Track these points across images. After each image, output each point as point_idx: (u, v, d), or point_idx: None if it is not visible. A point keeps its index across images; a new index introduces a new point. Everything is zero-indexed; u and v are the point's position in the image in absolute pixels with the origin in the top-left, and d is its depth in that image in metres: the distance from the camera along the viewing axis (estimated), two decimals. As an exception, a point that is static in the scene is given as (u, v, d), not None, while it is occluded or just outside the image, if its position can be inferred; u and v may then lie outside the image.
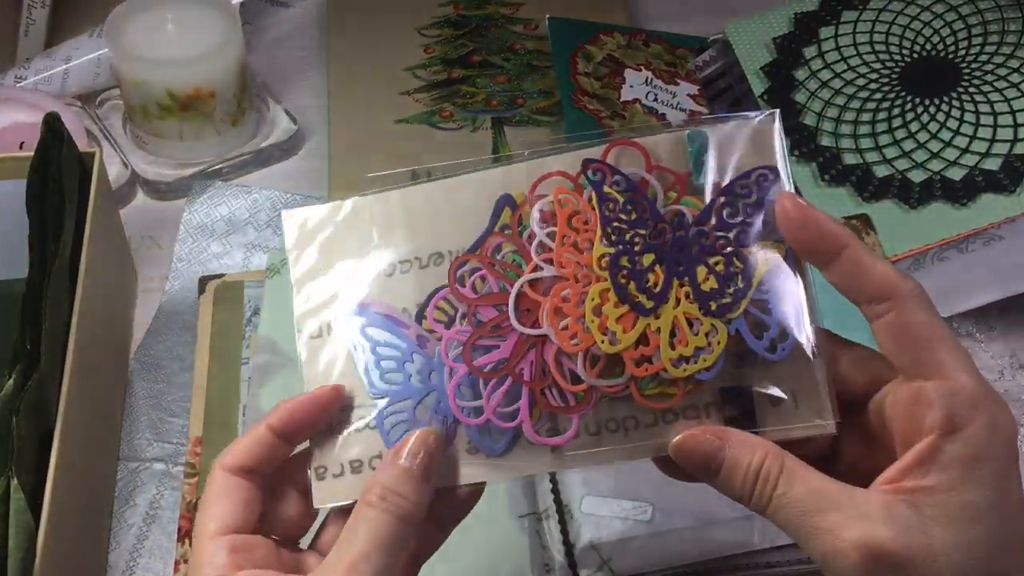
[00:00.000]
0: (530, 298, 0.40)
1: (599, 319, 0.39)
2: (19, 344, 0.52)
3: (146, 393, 0.64)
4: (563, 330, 0.39)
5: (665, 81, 0.83)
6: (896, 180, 0.72)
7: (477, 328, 0.40)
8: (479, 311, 0.40)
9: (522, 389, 0.39)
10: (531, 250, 0.40)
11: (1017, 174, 0.70)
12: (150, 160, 0.78)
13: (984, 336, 0.68)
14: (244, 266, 0.71)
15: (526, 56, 0.87)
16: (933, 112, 0.74)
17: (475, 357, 0.40)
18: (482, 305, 0.40)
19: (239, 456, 0.40)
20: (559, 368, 0.39)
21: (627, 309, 0.39)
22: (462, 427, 0.40)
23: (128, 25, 0.74)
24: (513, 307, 0.39)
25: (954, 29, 0.77)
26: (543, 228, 0.40)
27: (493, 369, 0.40)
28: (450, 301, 0.41)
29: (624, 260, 0.39)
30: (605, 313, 0.39)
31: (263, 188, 0.74)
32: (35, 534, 0.47)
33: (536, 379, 0.39)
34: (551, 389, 0.39)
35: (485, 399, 0.39)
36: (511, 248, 0.40)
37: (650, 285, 0.39)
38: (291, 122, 0.81)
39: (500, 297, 0.40)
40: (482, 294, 0.40)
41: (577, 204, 0.40)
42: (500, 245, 0.40)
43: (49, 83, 0.81)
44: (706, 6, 0.94)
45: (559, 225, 0.40)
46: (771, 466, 0.36)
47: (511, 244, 0.40)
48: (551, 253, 0.40)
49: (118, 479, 0.61)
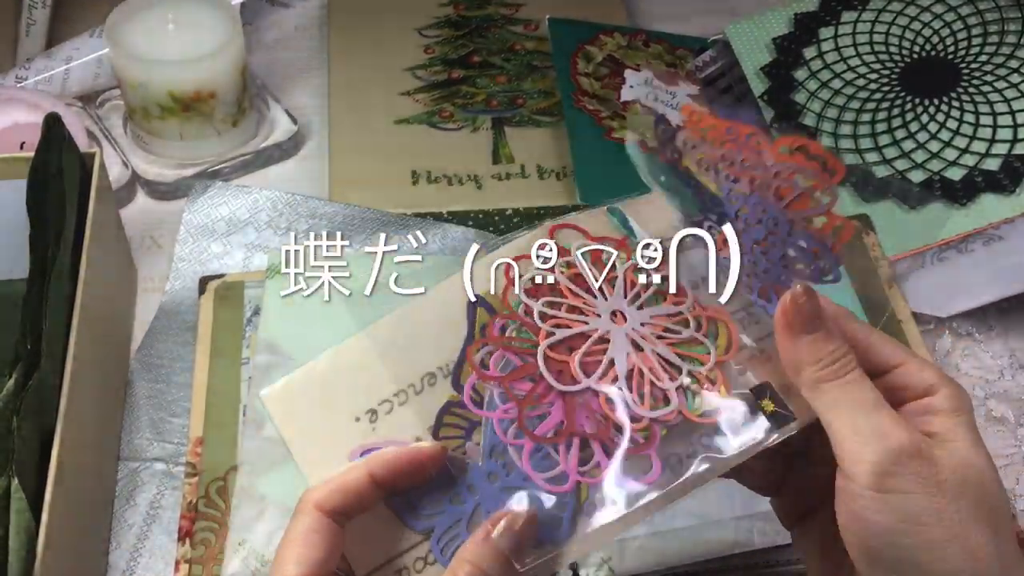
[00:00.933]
0: (556, 360, 0.40)
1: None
2: (19, 344, 0.52)
3: (146, 393, 0.64)
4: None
5: (665, 81, 0.83)
6: (896, 180, 0.72)
7: (523, 400, 0.39)
8: (514, 386, 0.40)
9: (592, 444, 0.39)
10: (535, 321, 0.40)
11: (1017, 174, 0.70)
12: (150, 160, 0.78)
13: (984, 336, 0.69)
14: (244, 266, 0.71)
15: (526, 56, 0.87)
16: (933, 112, 0.74)
17: (532, 428, 0.39)
18: (515, 380, 0.40)
19: (335, 500, 0.39)
20: (616, 413, 0.39)
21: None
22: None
23: (129, 25, 0.74)
24: (547, 371, 0.39)
25: (954, 29, 0.78)
26: (535, 300, 0.40)
27: (556, 434, 0.39)
28: (459, 414, 0.41)
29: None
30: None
31: (263, 188, 0.74)
32: (35, 534, 0.47)
33: (601, 430, 0.39)
34: (615, 438, 0.39)
35: (563, 463, 0.38)
36: (515, 325, 0.40)
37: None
38: (291, 122, 0.81)
39: (529, 368, 0.40)
40: (510, 371, 0.40)
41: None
42: (504, 325, 0.40)
43: (50, 83, 0.81)
44: (706, 6, 0.94)
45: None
46: (850, 362, 0.38)
47: (513, 321, 0.40)
48: (555, 319, 0.40)
49: (118, 479, 0.61)
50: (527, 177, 0.78)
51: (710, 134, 0.42)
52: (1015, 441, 0.64)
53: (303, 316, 0.63)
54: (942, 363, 0.67)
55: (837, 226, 0.40)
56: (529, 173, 0.78)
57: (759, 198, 0.41)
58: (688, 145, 0.42)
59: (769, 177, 0.40)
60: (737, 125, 0.41)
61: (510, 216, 0.75)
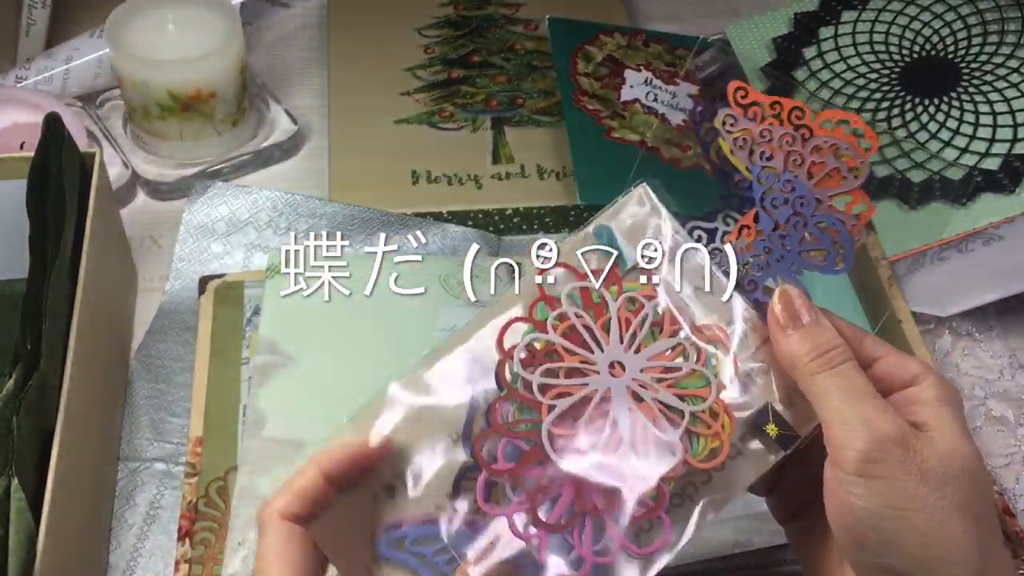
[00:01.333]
0: (561, 435, 0.39)
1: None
2: (19, 344, 0.52)
3: (146, 393, 0.64)
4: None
5: (665, 81, 0.83)
6: (896, 180, 0.72)
7: (535, 492, 0.39)
8: (524, 477, 0.39)
9: (604, 519, 0.39)
10: (535, 395, 0.39)
11: (1016, 174, 0.70)
12: (150, 160, 0.78)
13: (983, 336, 0.69)
14: (244, 266, 0.71)
15: (526, 56, 0.87)
16: (933, 112, 0.74)
17: (547, 516, 0.39)
18: (525, 470, 0.39)
19: (296, 506, 0.39)
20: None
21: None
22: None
23: (129, 25, 0.74)
24: (553, 451, 0.39)
25: (954, 29, 0.78)
26: (531, 371, 0.40)
27: (570, 517, 0.39)
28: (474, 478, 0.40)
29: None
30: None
31: (263, 188, 0.74)
32: (35, 534, 0.47)
33: (610, 502, 0.39)
34: (625, 506, 0.39)
35: (578, 547, 0.38)
36: (515, 406, 0.40)
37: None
38: (291, 122, 0.81)
39: (535, 453, 0.39)
40: (517, 461, 0.39)
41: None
42: (505, 409, 0.40)
43: (50, 83, 0.81)
44: (706, 6, 0.94)
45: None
46: (841, 353, 0.39)
47: (512, 401, 0.40)
48: (555, 389, 0.39)
49: (118, 479, 0.61)
50: (527, 177, 0.78)
51: (752, 110, 0.41)
52: (1015, 441, 0.64)
53: (303, 316, 0.63)
54: (942, 363, 0.67)
55: (859, 207, 0.41)
56: (529, 173, 0.78)
57: (790, 175, 0.41)
58: (727, 123, 0.42)
59: (806, 153, 0.41)
60: (783, 100, 0.41)
61: (510, 216, 0.75)
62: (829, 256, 0.42)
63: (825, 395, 0.39)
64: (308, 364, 0.61)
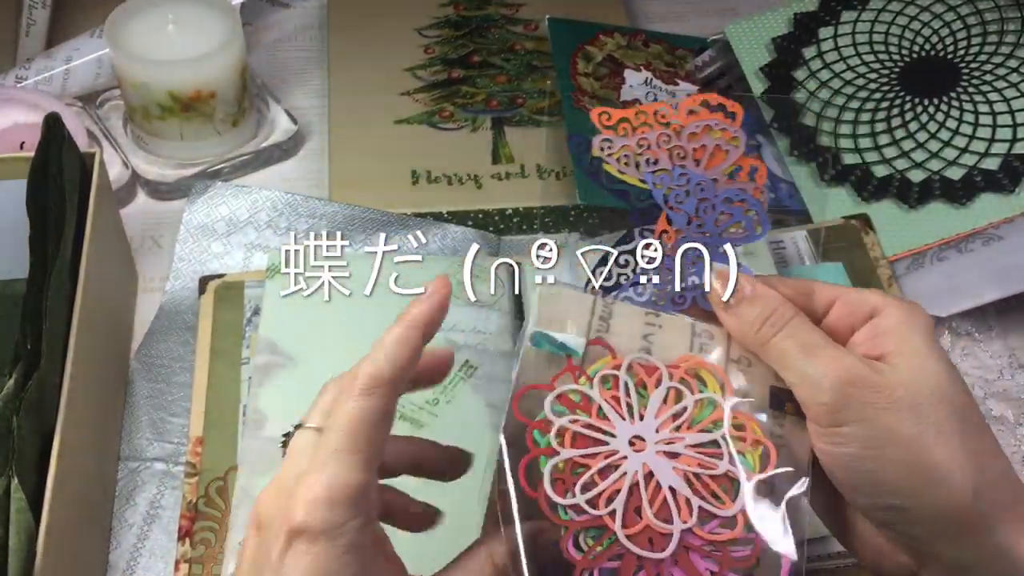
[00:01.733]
0: (635, 533, 0.38)
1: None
2: (19, 344, 0.52)
3: (146, 393, 0.64)
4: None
5: (665, 81, 0.83)
6: (895, 180, 0.72)
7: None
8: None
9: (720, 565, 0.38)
10: (595, 512, 0.38)
11: (1016, 174, 0.70)
12: (151, 160, 0.78)
13: (983, 336, 0.69)
14: (245, 266, 0.71)
15: (526, 56, 0.87)
16: (932, 112, 0.74)
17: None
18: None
19: (389, 368, 0.38)
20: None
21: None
22: None
23: (129, 26, 0.74)
24: (643, 552, 0.38)
25: (953, 29, 0.78)
26: (569, 496, 0.38)
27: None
28: None
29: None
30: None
31: (263, 188, 0.74)
32: (35, 534, 0.47)
33: (724, 556, 0.38)
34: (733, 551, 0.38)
35: None
36: (585, 533, 0.38)
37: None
38: (291, 122, 0.81)
39: (629, 563, 0.38)
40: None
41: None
42: (572, 544, 0.38)
43: (50, 83, 0.81)
44: (706, 6, 0.94)
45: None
46: (784, 312, 0.40)
47: (574, 532, 0.38)
48: (603, 493, 0.38)
49: (118, 479, 0.61)
50: (527, 177, 0.78)
51: (621, 127, 0.43)
52: (1015, 440, 0.64)
53: (303, 316, 0.63)
54: (942, 363, 0.67)
55: (752, 168, 0.43)
56: (529, 173, 0.78)
57: (680, 169, 0.43)
58: (605, 148, 0.43)
59: (685, 144, 0.43)
60: (643, 107, 0.42)
61: (510, 216, 0.75)
62: (747, 226, 0.43)
63: (782, 357, 0.40)
64: (308, 364, 0.61)
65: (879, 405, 0.38)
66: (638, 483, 0.38)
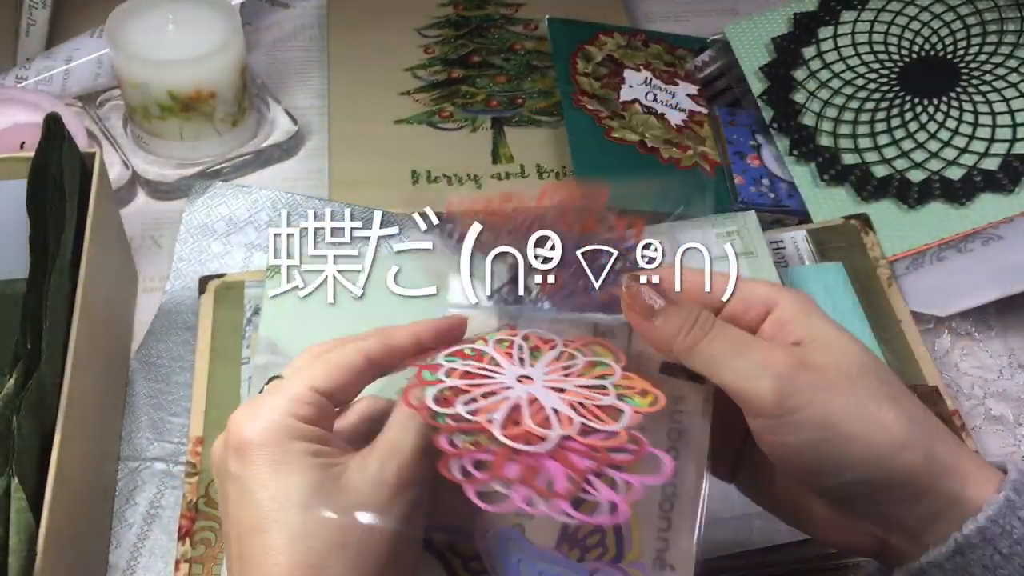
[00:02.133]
0: (515, 435, 0.37)
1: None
2: (19, 344, 0.52)
3: (146, 393, 0.64)
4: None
5: (665, 81, 0.83)
6: (895, 180, 0.72)
7: (525, 476, 0.37)
8: (507, 473, 0.37)
9: (611, 474, 0.38)
10: (468, 417, 0.38)
11: (1016, 174, 0.70)
12: (151, 160, 0.78)
13: (983, 336, 0.69)
14: (245, 266, 0.71)
15: (526, 56, 0.87)
16: (932, 112, 0.74)
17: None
18: (503, 472, 0.37)
19: (329, 380, 0.41)
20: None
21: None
22: None
23: (129, 25, 0.74)
24: (521, 446, 0.37)
25: (953, 29, 0.78)
26: (450, 406, 0.38)
27: (574, 482, 0.37)
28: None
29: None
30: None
31: (263, 188, 0.74)
32: (36, 534, 0.47)
33: (601, 458, 0.37)
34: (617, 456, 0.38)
35: (602, 495, 0.37)
36: (458, 437, 0.38)
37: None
38: (291, 122, 0.81)
39: (504, 453, 0.37)
40: (491, 465, 0.37)
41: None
42: (450, 440, 0.38)
43: (50, 83, 0.81)
44: (706, 6, 0.94)
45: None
46: (706, 318, 0.40)
47: (454, 434, 0.38)
48: (483, 409, 0.38)
49: (119, 478, 0.61)
50: (527, 177, 0.78)
51: (483, 216, 0.42)
52: (1014, 440, 0.64)
53: (303, 316, 0.63)
54: (941, 362, 0.67)
55: (628, 226, 0.43)
56: (529, 173, 0.78)
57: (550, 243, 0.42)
58: (468, 234, 0.43)
59: (549, 223, 0.42)
60: (492, 201, 0.42)
61: (510, 216, 0.75)
62: (631, 265, 0.43)
63: (713, 359, 0.39)
64: (308, 364, 0.61)
65: (822, 385, 0.38)
66: (520, 405, 0.38)
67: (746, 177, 0.75)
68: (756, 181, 0.75)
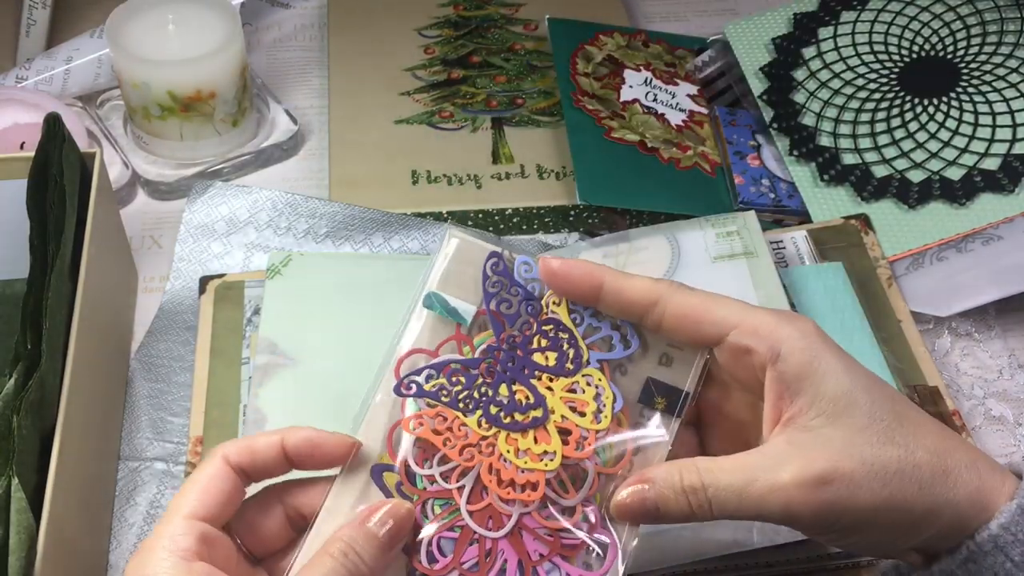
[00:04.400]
0: (480, 510, 0.41)
1: (526, 457, 0.41)
2: (20, 344, 0.52)
3: (147, 393, 0.64)
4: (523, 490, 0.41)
5: (665, 81, 0.83)
6: (895, 180, 0.72)
7: (480, 571, 0.41)
8: (464, 563, 0.41)
9: (555, 562, 0.41)
10: (443, 484, 0.41)
11: (1016, 174, 0.70)
12: (151, 160, 0.78)
13: (982, 336, 0.69)
14: (245, 266, 0.71)
15: (526, 56, 0.87)
16: (932, 112, 0.74)
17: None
18: (463, 557, 0.41)
19: (245, 457, 0.40)
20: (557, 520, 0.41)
21: (530, 432, 0.41)
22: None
23: (129, 25, 0.74)
24: (479, 527, 0.41)
25: (953, 29, 0.78)
26: (428, 466, 0.41)
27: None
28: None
29: (493, 409, 0.42)
30: (526, 448, 0.41)
31: (263, 188, 0.74)
32: (36, 534, 0.47)
33: (553, 544, 0.41)
34: (568, 539, 0.41)
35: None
36: (431, 503, 0.41)
37: (524, 400, 0.42)
38: (291, 122, 0.81)
39: (466, 534, 0.41)
40: (452, 552, 0.41)
41: (429, 423, 0.41)
42: (422, 508, 0.41)
43: (50, 83, 0.81)
44: (706, 6, 0.95)
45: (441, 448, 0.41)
46: (691, 478, 0.39)
47: (430, 500, 0.41)
48: (454, 470, 0.41)
49: (119, 478, 0.61)
50: (527, 177, 0.78)
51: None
52: (1014, 440, 0.64)
53: (303, 316, 0.63)
54: (941, 363, 0.67)
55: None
56: (529, 173, 0.78)
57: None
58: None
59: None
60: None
61: (510, 216, 0.75)
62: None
63: (709, 297, 0.40)
64: (308, 364, 0.61)
65: (842, 499, 0.37)
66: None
67: (746, 177, 0.75)
68: (756, 181, 0.75)
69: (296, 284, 0.65)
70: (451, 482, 0.41)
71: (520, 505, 0.41)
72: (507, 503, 0.41)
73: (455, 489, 0.41)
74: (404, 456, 0.41)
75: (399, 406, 0.42)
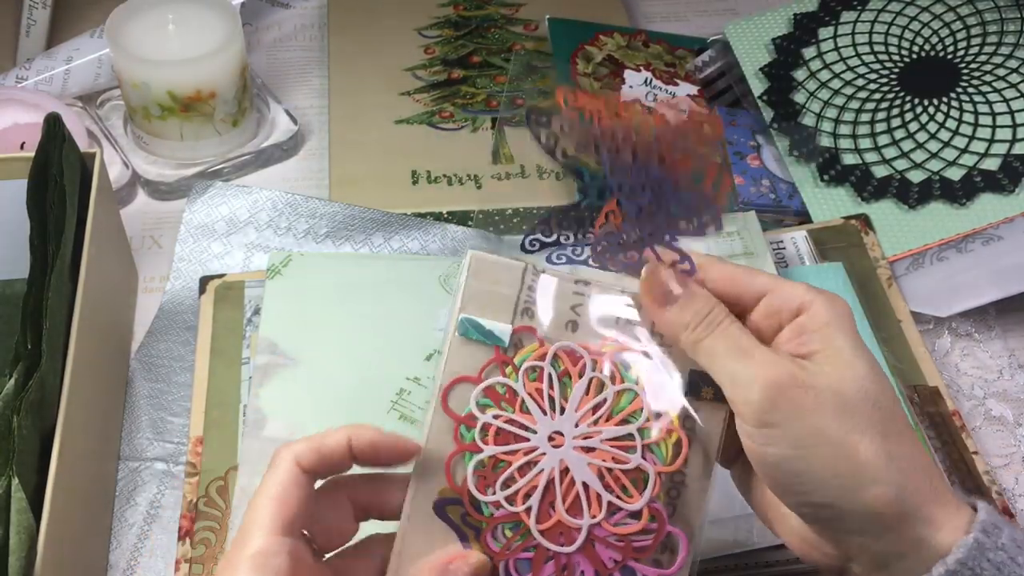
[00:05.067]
0: (550, 528, 0.41)
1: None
2: (20, 344, 0.52)
3: (147, 393, 0.64)
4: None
5: (665, 81, 0.83)
6: (895, 180, 0.72)
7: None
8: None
9: (631, 565, 0.41)
10: (508, 507, 0.41)
11: (1016, 174, 0.70)
12: (151, 160, 0.78)
13: (983, 336, 0.69)
14: (245, 266, 0.71)
15: (526, 56, 0.87)
16: (932, 112, 0.74)
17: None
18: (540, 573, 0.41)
19: (314, 458, 0.40)
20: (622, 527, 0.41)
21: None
22: None
23: (129, 25, 0.74)
24: (552, 544, 0.41)
25: (953, 30, 0.78)
26: (491, 492, 0.41)
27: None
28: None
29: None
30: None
31: (263, 188, 0.74)
32: (36, 534, 0.47)
33: (626, 549, 0.41)
34: (637, 542, 0.42)
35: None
36: (501, 527, 0.41)
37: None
38: (291, 122, 0.81)
39: (541, 554, 0.41)
40: (531, 571, 0.41)
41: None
42: (493, 537, 0.41)
43: (50, 83, 0.81)
44: (706, 6, 0.95)
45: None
46: (717, 315, 0.41)
47: (499, 524, 0.41)
48: (521, 490, 0.41)
49: (119, 478, 0.61)
50: (527, 177, 0.78)
51: (588, 112, 0.43)
52: (1014, 441, 0.64)
53: (303, 316, 0.63)
54: (941, 363, 0.67)
55: (716, 178, 0.43)
56: (529, 173, 0.78)
57: (642, 165, 0.43)
58: (565, 127, 0.43)
59: (651, 143, 0.43)
60: (614, 99, 0.43)
61: (510, 216, 0.75)
62: (697, 223, 0.43)
63: (714, 358, 0.40)
64: (308, 364, 0.61)
65: (807, 407, 0.38)
66: (554, 479, 0.41)
67: (746, 177, 0.75)
68: (756, 181, 0.75)
69: (296, 284, 0.65)
70: (517, 504, 0.41)
71: (589, 517, 0.41)
72: (575, 516, 0.41)
73: (523, 511, 0.41)
74: (465, 486, 0.41)
75: (452, 435, 0.42)
